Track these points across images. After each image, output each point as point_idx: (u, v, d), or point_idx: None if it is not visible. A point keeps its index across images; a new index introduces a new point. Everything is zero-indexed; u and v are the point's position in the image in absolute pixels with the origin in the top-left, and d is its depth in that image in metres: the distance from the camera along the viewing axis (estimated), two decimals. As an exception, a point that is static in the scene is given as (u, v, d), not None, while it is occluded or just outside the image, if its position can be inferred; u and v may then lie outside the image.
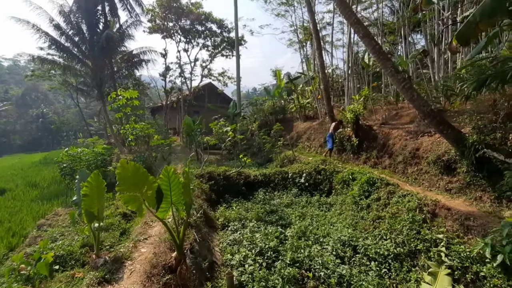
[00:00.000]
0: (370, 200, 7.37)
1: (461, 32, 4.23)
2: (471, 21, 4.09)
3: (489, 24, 4.04)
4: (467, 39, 4.17)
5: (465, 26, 4.18)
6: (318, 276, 5.13)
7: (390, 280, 5.00)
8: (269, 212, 8.32)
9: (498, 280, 3.83)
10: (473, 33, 4.10)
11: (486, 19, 3.88)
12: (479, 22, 3.95)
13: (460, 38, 4.16)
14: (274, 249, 5.89)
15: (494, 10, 3.78)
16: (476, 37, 4.14)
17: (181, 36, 27.12)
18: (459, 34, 4.20)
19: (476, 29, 4.03)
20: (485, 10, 3.86)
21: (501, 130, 6.36)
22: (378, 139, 11.03)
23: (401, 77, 6.63)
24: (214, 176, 9.75)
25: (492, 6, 3.79)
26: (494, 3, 3.77)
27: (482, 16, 3.88)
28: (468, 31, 4.12)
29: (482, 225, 4.65)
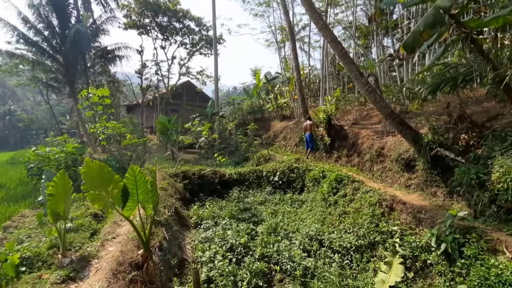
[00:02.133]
0: (337, 196, 7.75)
1: (407, 41, 4.64)
2: (416, 31, 4.51)
3: (431, 34, 4.46)
4: (412, 47, 4.57)
5: (411, 36, 4.60)
6: (285, 269, 5.40)
7: (351, 270, 5.35)
8: (243, 210, 8.51)
9: (441, 267, 4.25)
10: (418, 42, 4.51)
11: (428, 29, 4.30)
12: (422, 32, 4.36)
13: (406, 47, 4.56)
14: (244, 245, 6.10)
15: (435, 22, 4.20)
16: (420, 45, 4.54)
17: (158, 33, 26.65)
18: (406, 43, 4.61)
19: (420, 38, 4.44)
20: (427, 21, 4.27)
21: (453, 131, 6.95)
22: (348, 138, 11.55)
23: (365, 80, 7.05)
24: (188, 175, 9.79)
25: (433, 18, 4.20)
26: (435, 15, 4.18)
27: (425, 27, 4.29)
28: (413, 40, 4.53)
29: (431, 217, 5.10)
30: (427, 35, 4.39)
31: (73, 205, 7.51)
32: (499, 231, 4.38)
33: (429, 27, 4.25)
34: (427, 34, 4.39)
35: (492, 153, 5.65)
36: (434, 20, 4.17)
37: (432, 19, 4.19)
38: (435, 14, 4.16)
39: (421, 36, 4.39)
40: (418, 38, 4.43)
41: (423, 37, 4.41)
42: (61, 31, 21.65)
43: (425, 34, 4.35)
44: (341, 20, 25.40)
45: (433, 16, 4.19)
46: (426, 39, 4.45)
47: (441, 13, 4.11)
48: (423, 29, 4.32)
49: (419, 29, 4.40)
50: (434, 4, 4.22)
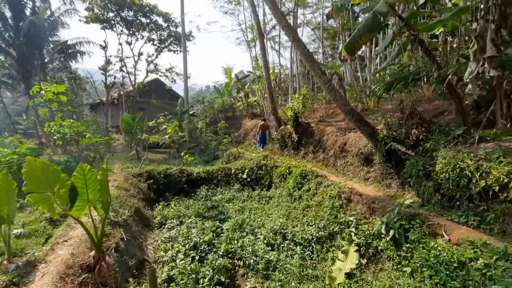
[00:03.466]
0: (302, 191, 7.97)
1: (349, 44, 4.92)
2: (356, 35, 4.79)
3: (370, 38, 4.77)
4: (353, 50, 4.85)
5: (352, 39, 4.88)
6: (248, 263, 5.46)
7: (311, 261, 5.55)
8: (210, 208, 8.46)
9: (390, 252, 4.56)
10: (358, 45, 4.80)
11: (367, 33, 4.58)
12: (362, 36, 4.64)
13: (347, 49, 4.82)
14: (209, 243, 6.08)
15: (373, 26, 4.48)
16: (360, 48, 4.83)
17: (123, 27, 25.53)
18: (347, 46, 4.88)
19: (359, 41, 4.72)
20: (366, 25, 4.55)
21: (405, 126, 7.44)
22: (315, 135, 11.91)
23: (326, 78, 7.32)
24: (154, 175, 9.52)
25: (372, 22, 4.48)
26: (373, 20, 4.46)
27: (364, 31, 4.57)
28: (353, 43, 4.81)
29: (384, 207, 5.44)
30: (366, 38, 4.67)
31: (27, 210, 7.01)
32: (440, 216, 4.78)
33: (368, 31, 4.52)
34: (366, 38, 4.67)
35: (437, 146, 6.14)
36: (373, 24, 4.45)
37: (371, 23, 4.47)
38: (373, 19, 4.44)
39: (360, 39, 4.66)
40: (358, 41, 4.70)
41: (362, 40, 4.68)
42: (14, 23, 19.98)
43: (364, 37, 4.63)
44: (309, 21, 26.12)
45: (372, 21, 4.46)
46: (365, 42, 4.74)
47: (379, 18, 4.40)
48: (362, 32, 4.59)
49: (359, 33, 4.67)
50: (373, 9, 4.51)
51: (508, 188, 4.59)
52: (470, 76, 4.32)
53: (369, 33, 4.59)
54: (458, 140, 6.16)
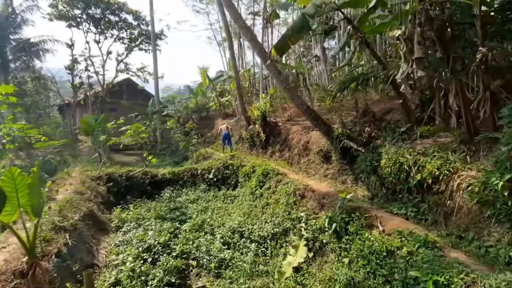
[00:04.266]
0: (263, 189, 8.10)
1: (278, 44, 5.09)
2: (285, 35, 4.98)
3: (298, 38, 4.97)
4: (282, 50, 5.03)
5: (281, 40, 5.06)
6: (202, 263, 5.49)
7: (264, 257, 5.68)
8: (173, 209, 8.39)
9: (333, 244, 4.77)
10: (287, 45, 4.98)
11: (296, 34, 4.78)
12: (291, 36, 4.83)
13: (277, 49, 4.99)
14: (164, 244, 6.03)
15: (302, 27, 4.69)
16: (289, 48, 5.02)
17: (90, 25, 24.54)
18: (276, 46, 5.06)
19: (288, 42, 4.91)
20: (296, 26, 4.74)
21: (359, 124, 7.78)
22: (281, 134, 12.11)
23: (283, 78, 7.49)
24: (114, 177, 9.27)
25: (301, 23, 4.68)
26: (302, 21, 4.66)
27: (293, 32, 4.76)
28: (283, 44, 4.99)
29: (332, 201, 5.66)
30: (295, 39, 4.86)
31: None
32: (380, 209, 5.07)
33: (297, 32, 4.71)
34: (295, 38, 4.86)
35: (384, 143, 6.49)
36: (302, 25, 4.64)
37: (300, 24, 4.66)
38: (302, 20, 4.63)
39: (289, 39, 4.84)
40: (287, 42, 4.87)
41: (291, 41, 4.86)
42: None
43: (293, 38, 4.82)
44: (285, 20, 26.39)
45: (301, 22, 4.66)
46: (294, 42, 4.93)
47: (307, 19, 4.60)
48: (291, 33, 4.77)
49: (289, 33, 4.85)
50: (302, 11, 4.70)
51: (439, 181, 4.96)
52: (401, 77, 4.61)
53: (298, 34, 4.77)
54: (403, 137, 6.54)
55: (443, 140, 5.70)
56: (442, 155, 5.03)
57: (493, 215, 3.89)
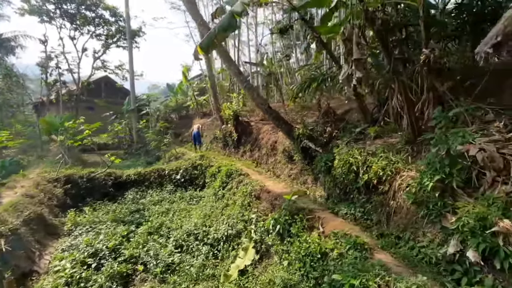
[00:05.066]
0: (225, 190, 8.00)
1: (204, 42, 5.01)
2: (211, 33, 4.89)
3: (224, 37, 4.89)
4: (207, 48, 4.94)
5: (207, 38, 4.98)
6: (149, 268, 5.34)
7: (215, 260, 5.58)
8: (134, 211, 8.16)
9: (277, 246, 4.72)
10: (213, 44, 4.90)
11: (222, 32, 4.71)
12: (217, 35, 4.75)
13: (202, 47, 4.89)
14: (113, 249, 5.83)
15: (229, 26, 4.61)
16: (215, 47, 4.94)
17: (65, 21, 23.71)
18: (202, 44, 4.96)
19: (215, 40, 4.83)
20: (222, 25, 4.66)
21: (321, 124, 7.79)
22: (253, 133, 12.03)
23: (243, 77, 7.40)
24: (74, 179, 8.93)
25: (228, 22, 4.60)
26: (229, 20, 4.59)
27: (219, 30, 4.68)
28: (209, 42, 4.91)
29: (283, 203, 5.61)
30: (221, 37, 4.78)
31: None
32: (327, 210, 5.06)
33: (223, 30, 4.63)
34: (221, 37, 4.78)
35: (339, 143, 6.50)
36: (228, 24, 4.56)
37: (226, 23, 4.58)
38: (229, 19, 4.55)
39: (216, 38, 4.75)
40: (213, 40, 4.79)
41: (217, 39, 4.78)
42: None
43: (219, 36, 4.74)
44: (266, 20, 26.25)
45: (227, 21, 4.57)
46: (220, 41, 4.85)
47: (234, 18, 4.52)
48: (217, 32, 4.69)
49: (215, 32, 4.77)
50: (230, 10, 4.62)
51: (384, 181, 4.99)
52: (342, 77, 4.60)
53: (224, 32, 4.68)
54: (359, 137, 6.57)
55: (392, 140, 5.75)
56: (388, 156, 5.05)
57: (426, 215, 3.93)
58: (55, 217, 7.16)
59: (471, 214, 3.34)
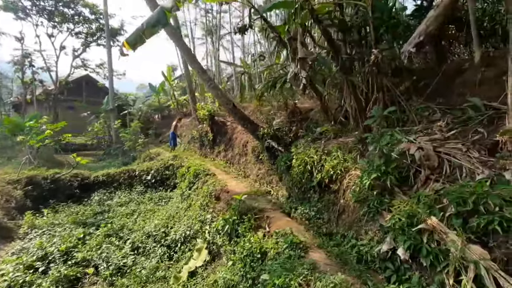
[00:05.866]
0: (191, 190, 7.91)
1: (131, 38, 4.94)
2: (139, 29, 4.83)
3: (153, 33, 4.84)
4: (134, 44, 4.87)
5: (134, 33, 4.91)
6: (100, 271, 5.21)
7: (168, 262, 5.49)
8: (97, 213, 7.98)
9: (226, 247, 4.67)
10: (140, 39, 4.84)
11: (150, 28, 4.65)
12: (145, 31, 4.69)
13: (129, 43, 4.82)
14: (65, 252, 5.67)
15: (158, 21, 4.56)
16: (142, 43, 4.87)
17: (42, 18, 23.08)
18: (129, 40, 4.88)
19: (142, 36, 4.77)
20: (151, 20, 4.61)
21: (287, 124, 7.79)
22: (228, 134, 11.96)
23: (207, 76, 7.32)
24: (37, 180, 8.65)
25: (157, 17, 4.55)
26: (158, 15, 4.54)
27: (148, 26, 4.63)
28: (136, 37, 4.84)
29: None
30: (148, 33, 4.72)
31: None
32: (278, 209, 5.05)
33: (151, 26, 4.57)
34: (149, 33, 4.72)
35: (298, 143, 6.50)
36: (157, 20, 4.50)
37: (155, 18, 4.52)
38: (159, 14, 4.50)
39: (143, 34, 4.69)
40: (140, 36, 4.72)
41: (145, 35, 4.72)
42: None
43: (147, 32, 4.68)
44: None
45: (157, 16, 4.52)
46: (148, 37, 4.79)
47: (164, 13, 4.47)
48: (146, 27, 4.63)
49: (143, 28, 4.70)
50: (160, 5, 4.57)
51: (335, 180, 5.01)
52: (289, 77, 4.60)
53: (152, 28, 4.62)
54: (320, 136, 6.59)
55: (349, 140, 5.78)
56: (340, 155, 5.07)
57: (367, 214, 3.96)
58: (11, 219, 6.91)
59: (403, 212, 3.37)
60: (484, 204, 2.71)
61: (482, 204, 2.71)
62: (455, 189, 3.05)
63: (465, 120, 4.12)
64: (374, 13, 5.13)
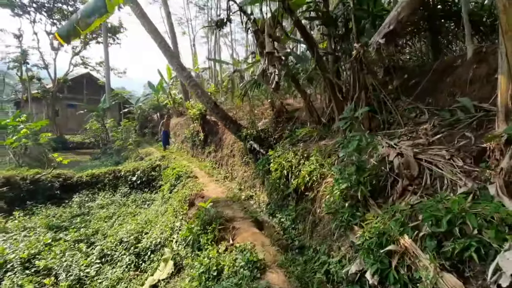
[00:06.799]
0: (172, 193, 7.55)
1: (63, 29, 4.53)
2: (73, 19, 4.43)
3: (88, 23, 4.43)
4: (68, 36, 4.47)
5: (68, 24, 4.51)
6: (59, 281, 4.88)
7: (134, 272, 5.12)
8: (76, 215, 7.68)
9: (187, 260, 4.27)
10: (74, 31, 4.44)
11: (85, 18, 4.25)
12: (79, 21, 4.30)
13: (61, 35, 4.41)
14: (28, 259, 5.36)
15: (93, 11, 4.16)
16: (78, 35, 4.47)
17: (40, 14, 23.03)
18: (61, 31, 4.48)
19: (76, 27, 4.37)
20: (86, 10, 4.21)
21: (274, 124, 7.37)
22: (219, 133, 11.57)
23: (187, 74, 6.94)
24: (15, 181, 8.38)
25: (93, 6, 4.15)
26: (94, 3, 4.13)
27: (82, 16, 4.23)
28: (69, 29, 4.44)
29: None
30: (83, 23, 4.32)
31: None
32: (248, 219, 4.62)
33: (87, 16, 4.18)
34: (84, 23, 4.32)
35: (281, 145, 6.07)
36: (94, 8, 4.10)
37: (92, 6, 4.12)
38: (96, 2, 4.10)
39: (77, 24, 4.29)
40: (74, 27, 4.33)
41: (80, 26, 4.32)
42: None
43: (82, 22, 4.28)
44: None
45: (93, 4, 4.12)
46: (83, 28, 4.39)
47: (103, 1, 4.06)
48: (80, 17, 4.23)
49: (77, 17, 4.30)
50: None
51: (311, 187, 4.57)
52: (258, 73, 4.17)
53: (87, 18, 4.23)
54: (305, 138, 6.15)
55: (331, 143, 5.34)
56: (318, 159, 4.63)
57: (338, 227, 3.52)
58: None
59: (373, 229, 2.92)
60: (460, 224, 2.26)
61: (459, 225, 2.25)
62: (431, 205, 2.59)
63: (453, 123, 3.65)
64: (357, 3, 4.68)
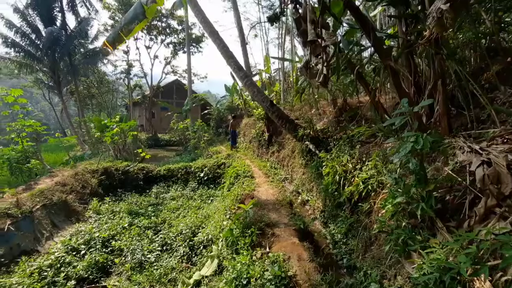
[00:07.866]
0: (230, 191, 7.71)
1: (110, 36, 4.54)
2: (116, 27, 4.40)
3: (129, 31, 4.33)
4: (114, 42, 4.46)
5: (113, 31, 4.49)
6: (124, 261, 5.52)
7: (186, 264, 5.36)
8: (151, 204, 8.67)
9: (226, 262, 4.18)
10: (118, 37, 4.40)
11: (127, 25, 4.19)
12: (122, 28, 4.26)
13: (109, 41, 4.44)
14: (108, 239, 6.26)
15: (133, 18, 4.09)
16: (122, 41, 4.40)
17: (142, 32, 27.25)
18: (109, 39, 4.50)
19: (120, 34, 4.33)
20: (126, 18, 4.17)
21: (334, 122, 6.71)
22: (283, 133, 11.34)
23: (243, 73, 6.93)
24: (110, 171, 10.02)
25: (133, 13, 4.09)
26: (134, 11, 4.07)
27: (124, 24, 4.19)
28: (114, 36, 4.43)
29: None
30: (126, 30, 4.30)
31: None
32: (292, 226, 4.25)
33: (128, 23, 4.16)
34: (126, 30, 4.30)
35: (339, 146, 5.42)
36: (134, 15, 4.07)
37: (131, 14, 4.10)
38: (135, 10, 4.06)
39: (121, 31, 4.30)
40: (118, 34, 4.34)
41: (123, 33, 4.31)
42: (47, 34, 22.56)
43: (125, 29, 4.27)
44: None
45: (133, 12, 4.09)
46: (126, 34, 4.36)
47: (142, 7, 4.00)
48: (123, 25, 4.24)
49: (121, 25, 4.32)
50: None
51: (366, 197, 3.88)
52: (301, 65, 3.70)
53: (129, 25, 4.23)
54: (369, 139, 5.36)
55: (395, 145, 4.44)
56: (377, 164, 3.92)
57: (391, 251, 2.86)
58: (84, 203, 8.13)
59: (435, 261, 2.23)
60: None
61: None
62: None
63: None
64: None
